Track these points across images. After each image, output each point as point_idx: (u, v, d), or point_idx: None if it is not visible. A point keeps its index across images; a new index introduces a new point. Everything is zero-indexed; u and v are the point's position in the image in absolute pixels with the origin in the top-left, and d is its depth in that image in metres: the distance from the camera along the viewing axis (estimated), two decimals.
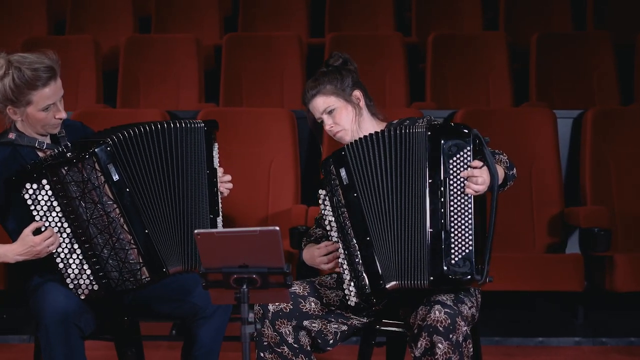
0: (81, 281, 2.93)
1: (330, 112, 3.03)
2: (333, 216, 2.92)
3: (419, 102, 5.88)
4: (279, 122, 4.95)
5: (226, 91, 6.05)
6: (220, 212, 3.10)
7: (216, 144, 3.12)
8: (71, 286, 2.92)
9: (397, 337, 3.13)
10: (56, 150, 2.95)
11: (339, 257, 2.91)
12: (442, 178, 2.80)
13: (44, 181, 2.88)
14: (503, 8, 6.82)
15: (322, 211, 2.96)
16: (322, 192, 2.96)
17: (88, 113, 5.03)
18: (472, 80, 6.06)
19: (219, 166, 3.13)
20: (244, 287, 2.53)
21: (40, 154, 3.02)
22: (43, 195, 2.89)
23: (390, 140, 2.86)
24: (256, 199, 4.82)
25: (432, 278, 2.78)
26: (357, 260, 2.85)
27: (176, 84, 6.11)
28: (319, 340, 2.99)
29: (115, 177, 2.89)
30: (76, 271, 2.92)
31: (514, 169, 2.96)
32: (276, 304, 2.93)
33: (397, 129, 2.88)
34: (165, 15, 6.91)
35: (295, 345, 2.94)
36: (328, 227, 2.95)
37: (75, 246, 2.91)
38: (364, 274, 2.84)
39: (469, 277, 2.76)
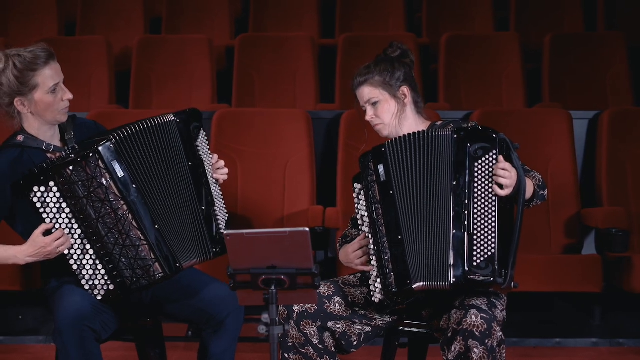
0: (96, 282, 2.92)
1: (374, 104, 3.03)
2: (366, 211, 2.91)
3: (432, 103, 5.87)
4: (295, 123, 4.94)
5: (239, 92, 6.05)
6: (217, 200, 3.09)
7: (202, 132, 3.10)
8: (87, 287, 2.92)
9: (420, 338, 3.13)
10: (64, 152, 2.94)
11: (369, 252, 2.91)
12: (466, 181, 2.80)
13: (52, 183, 2.87)
14: (514, 9, 6.82)
15: (356, 205, 2.96)
16: (357, 185, 2.97)
17: (101, 114, 5.02)
18: (485, 81, 6.06)
19: (212, 153, 3.13)
20: (273, 288, 2.53)
21: (49, 156, 3.01)
22: (52, 198, 2.88)
23: (421, 142, 2.87)
24: (272, 200, 4.81)
25: (453, 280, 2.78)
26: (386, 257, 2.85)
27: (188, 85, 6.10)
28: (343, 342, 2.98)
29: (121, 174, 2.89)
30: (90, 272, 2.92)
31: (545, 191, 2.96)
32: (301, 304, 2.92)
33: (427, 131, 2.88)
34: (175, 16, 6.91)
35: (320, 346, 2.94)
36: (360, 222, 2.95)
37: (88, 247, 2.91)
38: (392, 273, 2.84)
39: (491, 279, 2.76)
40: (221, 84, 6.28)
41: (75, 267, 2.91)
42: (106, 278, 2.92)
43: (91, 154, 2.86)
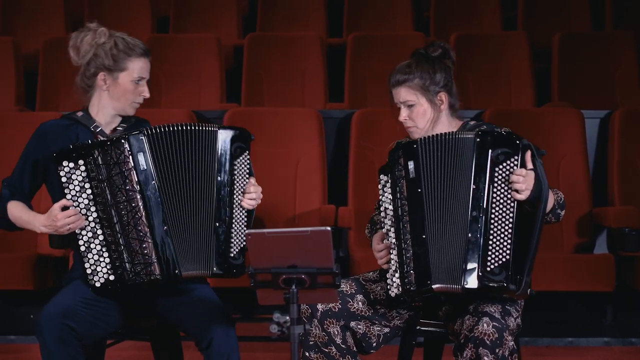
0: (99, 268, 2.93)
1: (409, 106, 2.99)
2: (391, 204, 2.90)
3: None
4: (306, 122, 4.94)
5: (247, 91, 6.04)
6: (237, 224, 3.03)
7: (246, 154, 3.09)
8: (88, 271, 2.92)
9: (436, 337, 3.12)
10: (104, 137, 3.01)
11: (389, 246, 2.91)
12: (485, 185, 2.79)
13: (81, 162, 2.91)
14: (522, 8, 6.81)
15: (380, 197, 2.94)
16: (383, 177, 2.95)
17: None
18: (493, 80, 6.05)
19: (250, 176, 3.10)
20: (293, 287, 2.53)
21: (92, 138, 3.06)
22: (77, 176, 2.91)
23: (449, 143, 2.85)
24: (283, 200, 4.81)
25: (466, 284, 2.77)
26: (407, 255, 2.84)
27: (197, 84, 6.10)
28: (363, 344, 2.98)
29: (143, 167, 2.91)
30: (96, 257, 2.93)
31: (563, 212, 2.94)
32: (324, 303, 2.92)
33: (454, 133, 2.87)
34: (183, 15, 6.90)
35: (343, 346, 2.93)
36: (383, 214, 2.94)
37: (99, 231, 2.92)
38: (412, 271, 2.83)
39: (504, 285, 2.75)
40: (229, 83, 6.28)
41: (83, 248, 2.93)
42: (109, 267, 2.92)
43: (121, 140, 2.89)
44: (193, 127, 2.98)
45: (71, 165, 2.91)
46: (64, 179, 2.92)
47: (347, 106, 5.82)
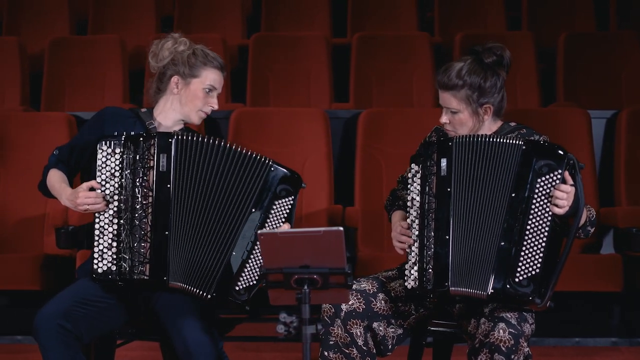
0: (105, 255, 2.95)
1: (452, 112, 2.94)
2: (419, 196, 2.88)
3: None
4: (312, 122, 4.94)
5: (253, 91, 6.04)
6: (253, 262, 2.98)
7: (289, 199, 3.05)
8: (96, 255, 2.95)
9: (445, 337, 3.12)
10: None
11: (411, 239, 2.90)
12: (525, 195, 2.76)
13: (118, 150, 2.96)
14: (526, 8, 6.81)
15: (409, 186, 2.92)
16: (414, 166, 2.92)
17: None
18: None
19: (286, 222, 3.07)
20: (305, 287, 2.52)
21: None
22: (111, 162, 2.96)
23: (488, 146, 2.82)
24: None
25: (492, 291, 2.76)
26: (429, 252, 2.83)
27: None
28: (382, 346, 2.97)
29: (162, 168, 2.93)
30: (105, 244, 2.95)
31: (593, 228, 2.92)
32: (350, 303, 2.90)
33: (496, 137, 2.84)
34: (187, 15, 6.90)
35: (364, 348, 2.91)
36: (409, 203, 2.92)
37: (115, 220, 2.95)
38: (431, 270, 2.82)
39: (530, 298, 2.74)
40: (234, 82, 6.27)
41: (97, 232, 2.96)
42: (114, 257, 2.94)
43: (151, 138, 2.93)
44: (229, 146, 2.98)
45: (109, 150, 2.96)
46: (99, 162, 2.97)
47: (352, 106, 5.82)
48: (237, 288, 2.97)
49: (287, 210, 3.06)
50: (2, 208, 4.89)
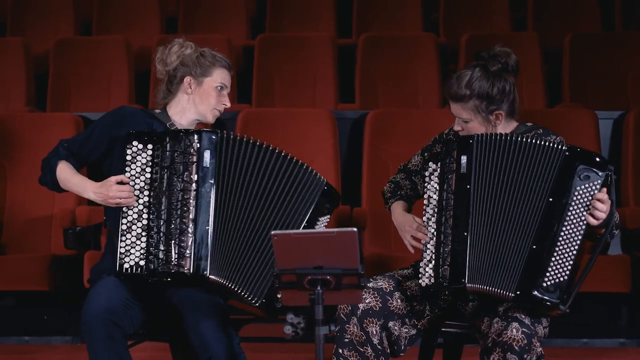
0: (133, 250, 2.95)
1: (464, 121, 2.96)
2: (435, 194, 2.89)
3: None
4: (319, 123, 4.94)
5: (258, 92, 6.04)
6: None
7: (328, 217, 3.13)
8: (122, 250, 2.95)
9: (456, 338, 3.11)
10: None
11: (427, 236, 2.90)
12: (564, 201, 2.76)
13: (150, 146, 2.98)
14: (531, 8, 6.80)
15: (426, 184, 2.93)
16: (432, 165, 2.93)
17: None
18: None
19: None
20: (319, 288, 2.52)
21: None
22: (142, 158, 2.98)
23: (515, 146, 2.82)
24: None
25: (518, 293, 2.75)
26: (446, 249, 2.83)
27: None
28: (395, 347, 2.96)
29: (206, 164, 2.96)
30: (133, 239, 2.95)
31: (617, 231, 2.92)
32: (367, 301, 2.90)
33: (534, 138, 2.83)
34: (191, 16, 6.90)
35: (379, 347, 2.90)
36: (426, 202, 2.92)
37: (144, 216, 2.96)
38: (447, 266, 2.81)
39: (555, 304, 2.74)
40: (239, 83, 6.27)
41: (124, 227, 2.96)
42: (142, 252, 2.94)
43: (194, 134, 2.97)
44: (276, 150, 3.09)
45: (140, 146, 2.97)
46: (128, 157, 2.98)
47: (358, 107, 5.82)
48: (267, 291, 3.00)
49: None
50: (8, 209, 4.89)
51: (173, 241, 2.93)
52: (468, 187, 2.81)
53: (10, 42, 6.24)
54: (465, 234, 2.80)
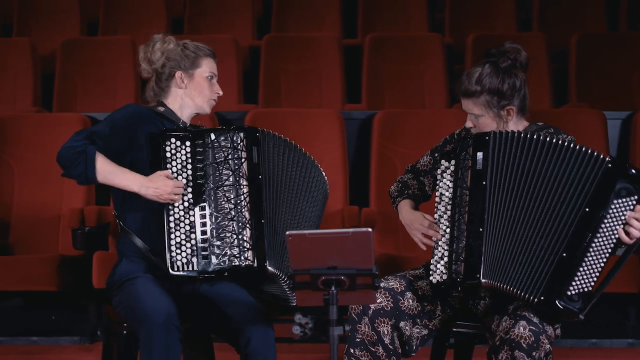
0: (183, 247, 2.96)
1: (476, 116, 2.96)
2: (448, 192, 2.89)
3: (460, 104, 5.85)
4: (327, 123, 4.93)
5: (265, 92, 6.04)
6: None
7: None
8: (173, 249, 2.95)
9: (468, 337, 3.11)
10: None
11: (439, 233, 2.90)
12: (602, 213, 2.75)
13: (187, 142, 3.00)
14: (537, 9, 6.80)
15: (439, 182, 2.93)
16: (445, 163, 2.93)
17: None
18: None
19: None
20: (333, 288, 2.52)
21: None
22: (182, 155, 2.99)
23: (547, 146, 2.80)
24: None
25: (542, 298, 2.75)
26: (460, 245, 2.82)
27: None
28: (407, 347, 2.96)
29: (255, 160, 3.01)
30: (183, 236, 2.96)
31: None
32: (378, 301, 2.90)
33: (566, 141, 2.82)
34: (197, 16, 6.91)
35: (391, 347, 2.91)
36: (437, 200, 2.92)
37: (191, 212, 2.97)
38: (462, 262, 2.81)
39: (575, 312, 2.75)
40: (245, 83, 6.27)
41: (171, 224, 2.96)
42: (194, 249, 2.95)
43: (238, 131, 3.01)
44: (302, 151, 3.22)
45: (178, 143, 2.99)
46: (168, 154, 2.99)
47: (364, 107, 5.81)
48: None
49: None
50: (16, 209, 4.89)
51: (232, 237, 2.96)
52: (484, 183, 2.81)
53: (17, 42, 6.24)
54: (481, 229, 2.79)
